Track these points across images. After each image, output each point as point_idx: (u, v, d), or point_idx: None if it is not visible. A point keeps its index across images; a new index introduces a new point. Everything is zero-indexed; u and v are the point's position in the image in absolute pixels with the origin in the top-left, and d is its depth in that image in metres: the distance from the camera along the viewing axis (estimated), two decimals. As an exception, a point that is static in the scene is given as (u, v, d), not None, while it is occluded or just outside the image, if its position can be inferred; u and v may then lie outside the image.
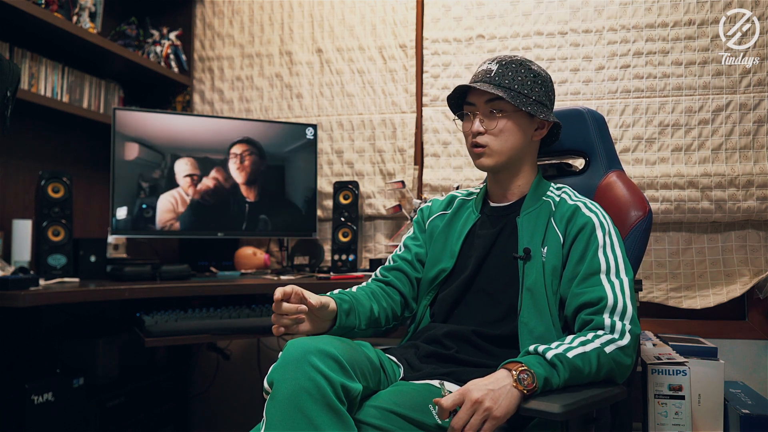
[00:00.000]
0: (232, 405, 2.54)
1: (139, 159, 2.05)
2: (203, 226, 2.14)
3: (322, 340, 1.05)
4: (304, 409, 0.97)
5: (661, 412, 1.59)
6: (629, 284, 1.20)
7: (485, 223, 1.41)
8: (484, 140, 1.34)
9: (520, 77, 1.32)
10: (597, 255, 1.22)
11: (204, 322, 1.67)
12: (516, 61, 1.35)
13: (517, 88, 1.31)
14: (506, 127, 1.33)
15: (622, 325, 1.15)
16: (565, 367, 1.07)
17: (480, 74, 1.35)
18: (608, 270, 1.21)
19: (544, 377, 1.05)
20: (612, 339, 1.13)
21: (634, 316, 1.17)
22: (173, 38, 2.52)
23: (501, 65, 1.34)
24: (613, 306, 1.17)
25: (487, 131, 1.33)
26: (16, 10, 1.78)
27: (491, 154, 1.34)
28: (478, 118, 1.34)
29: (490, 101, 1.33)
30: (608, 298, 1.17)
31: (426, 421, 1.06)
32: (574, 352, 1.09)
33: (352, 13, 2.40)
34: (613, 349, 1.12)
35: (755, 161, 1.97)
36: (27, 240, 1.90)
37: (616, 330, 1.14)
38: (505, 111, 1.32)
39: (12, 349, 1.77)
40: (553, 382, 1.06)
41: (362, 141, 2.37)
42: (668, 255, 2.05)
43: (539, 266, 1.26)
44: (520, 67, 1.33)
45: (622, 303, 1.17)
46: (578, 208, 1.30)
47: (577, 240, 1.26)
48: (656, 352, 1.71)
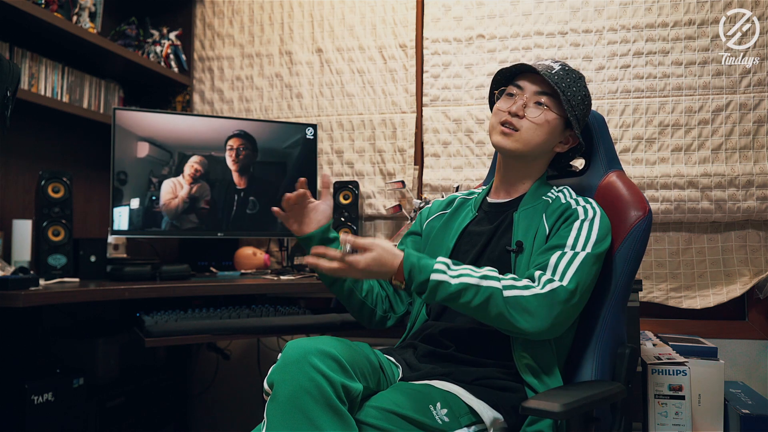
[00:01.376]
0: (232, 405, 2.54)
1: (139, 159, 2.05)
2: (203, 226, 2.14)
3: (322, 341, 1.05)
4: (305, 409, 0.97)
5: (661, 412, 1.59)
6: (585, 257, 1.20)
7: (483, 220, 1.42)
8: (519, 124, 1.33)
9: (575, 88, 1.33)
10: (566, 232, 1.24)
11: (204, 322, 1.67)
12: (577, 72, 1.37)
13: (569, 95, 1.32)
14: (549, 121, 1.33)
15: (548, 280, 1.16)
16: (439, 294, 1.15)
17: (540, 66, 1.35)
18: (574, 245, 1.22)
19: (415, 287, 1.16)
20: (527, 285, 1.15)
21: (573, 279, 1.16)
22: (173, 38, 2.52)
23: (563, 69, 1.35)
24: (555, 267, 1.18)
25: (526, 117, 1.33)
26: (16, 10, 1.78)
27: (519, 140, 1.34)
28: (522, 101, 1.34)
29: (541, 93, 1.33)
30: (551, 260, 1.19)
31: (426, 421, 1.07)
32: (461, 281, 1.14)
33: (352, 13, 2.40)
34: (522, 294, 1.14)
35: (755, 161, 1.97)
36: (27, 240, 1.90)
37: (540, 282, 1.16)
38: (550, 108, 1.33)
39: (12, 349, 1.77)
40: (423, 296, 1.16)
41: (362, 141, 2.37)
42: (668, 255, 2.05)
43: (528, 258, 1.27)
44: (578, 80, 1.35)
45: (564, 266, 1.18)
46: (569, 204, 1.31)
47: (559, 229, 1.27)
48: (656, 352, 1.71)
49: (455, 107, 2.26)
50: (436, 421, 1.08)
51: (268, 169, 2.23)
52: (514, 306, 1.13)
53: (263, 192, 2.22)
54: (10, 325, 1.76)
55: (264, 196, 2.22)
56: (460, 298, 1.14)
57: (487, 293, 1.13)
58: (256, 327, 1.70)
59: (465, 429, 1.11)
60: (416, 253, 1.19)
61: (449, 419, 1.09)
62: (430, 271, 1.15)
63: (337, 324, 1.74)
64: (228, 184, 2.18)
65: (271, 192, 2.23)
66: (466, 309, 1.16)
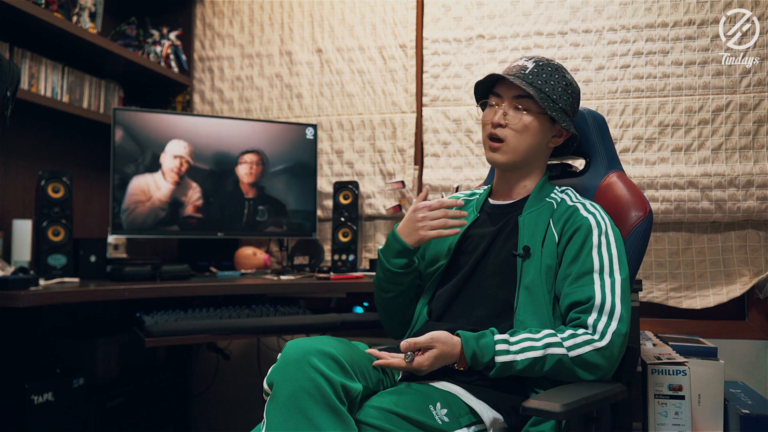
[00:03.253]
0: (232, 405, 2.54)
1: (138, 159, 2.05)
2: (203, 225, 2.14)
3: (322, 341, 1.05)
4: (304, 409, 0.97)
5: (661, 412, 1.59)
6: (621, 283, 1.20)
7: (485, 221, 1.41)
8: (503, 134, 1.33)
9: (552, 81, 1.32)
10: (591, 254, 1.23)
11: (204, 322, 1.67)
12: (552, 65, 1.35)
13: (547, 91, 1.31)
14: (529, 125, 1.33)
15: (605, 326, 1.15)
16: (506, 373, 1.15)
17: (514, 69, 1.35)
18: (601, 269, 1.21)
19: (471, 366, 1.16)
20: (589, 340, 1.14)
21: (624, 316, 1.17)
22: (173, 38, 2.52)
23: (537, 65, 1.34)
24: (601, 305, 1.17)
25: (508, 125, 1.33)
26: (16, 10, 1.78)
27: (507, 151, 1.34)
28: (501, 110, 1.33)
29: (518, 97, 1.33)
30: (596, 297, 1.18)
31: (426, 421, 1.07)
32: (526, 356, 1.13)
33: (352, 13, 2.40)
34: (586, 351, 1.13)
35: (755, 161, 1.97)
36: (27, 240, 1.90)
37: (597, 331, 1.15)
38: (530, 110, 1.32)
39: (12, 349, 1.77)
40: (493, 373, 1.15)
41: (362, 141, 2.37)
42: (668, 255, 2.05)
43: (538, 264, 1.26)
44: (554, 72, 1.34)
45: (611, 302, 1.17)
46: (577, 209, 1.30)
47: (572, 240, 1.26)
48: (656, 352, 1.71)
49: (455, 107, 2.26)
50: (436, 421, 1.08)
51: (269, 171, 2.23)
52: (581, 365, 1.14)
53: (264, 193, 2.22)
54: (10, 325, 1.76)
55: (265, 197, 2.22)
56: (528, 372, 1.15)
57: (553, 361, 1.14)
58: (256, 327, 1.71)
59: (465, 429, 1.11)
60: (470, 333, 1.17)
61: (449, 419, 1.09)
62: (492, 353, 1.14)
63: (337, 324, 1.75)
64: (230, 187, 2.18)
65: (272, 192, 2.23)
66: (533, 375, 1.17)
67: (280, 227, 2.25)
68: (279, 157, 2.24)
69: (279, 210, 2.25)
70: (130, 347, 2.20)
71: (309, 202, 2.29)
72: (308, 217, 2.29)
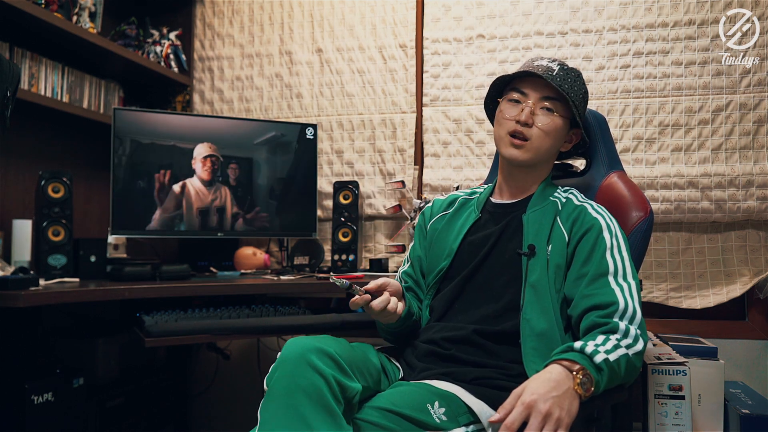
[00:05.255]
0: (232, 405, 2.54)
1: (138, 159, 2.05)
2: (203, 226, 2.14)
3: (322, 340, 1.05)
4: (298, 407, 0.96)
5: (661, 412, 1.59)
6: (636, 289, 1.20)
7: (488, 221, 1.40)
8: (529, 133, 1.32)
9: (576, 87, 1.33)
10: (605, 257, 1.22)
11: (204, 322, 1.67)
12: (575, 70, 1.36)
13: (572, 96, 1.32)
14: (556, 127, 1.33)
15: (636, 331, 1.14)
16: (607, 371, 1.07)
17: (541, 69, 1.33)
18: (616, 272, 1.20)
19: (596, 382, 1.05)
20: (630, 344, 1.13)
21: (643, 322, 1.17)
22: (173, 38, 2.52)
23: (562, 69, 1.34)
24: (624, 310, 1.16)
25: (535, 125, 1.32)
26: (16, 10, 1.78)
27: (530, 150, 1.33)
28: (530, 109, 1.32)
29: (548, 98, 1.32)
30: (619, 302, 1.16)
31: (425, 420, 1.06)
32: (615, 355, 1.08)
33: (352, 13, 2.40)
34: (633, 353, 1.12)
35: (755, 161, 1.97)
36: (27, 240, 1.90)
37: (630, 335, 1.13)
38: (559, 113, 1.32)
39: (12, 349, 1.77)
40: (600, 387, 1.06)
41: (362, 141, 2.37)
42: (668, 255, 2.05)
43: (544, 263, 1.25)
44: (578, 78, 1.35)
45: (632, 308, 1.16)
46: (585, 209, 1.30)
47: (583, 240, 1.25)
48: (656, 352, 1.71)
49: (455, 107, 2.26)
50: (434, 419, 1.07)
51: (269, 171, 2.23)
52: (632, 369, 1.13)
53: (264, 193, 2.23)
54: (10, 325, 1.76)
55: (265, 197, 2.22)
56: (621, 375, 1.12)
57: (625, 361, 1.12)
58: (256, 327, 1.70)
59: (463, 428, 1.10)
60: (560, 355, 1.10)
61: (447, 418, 1.09)
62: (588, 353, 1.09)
63: (337, 324, 1.74)
64: (230, 187, 2.18)
65: (272, 192, 2.23)
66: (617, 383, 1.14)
67: (280, 227, 2.25)
68: (279, 157, 2.24)
69: (279, 210, 2.25)
70: (130, 347, 2.20)
71: (309, 202, 2.29)
72: (308, 217, 2.29)
